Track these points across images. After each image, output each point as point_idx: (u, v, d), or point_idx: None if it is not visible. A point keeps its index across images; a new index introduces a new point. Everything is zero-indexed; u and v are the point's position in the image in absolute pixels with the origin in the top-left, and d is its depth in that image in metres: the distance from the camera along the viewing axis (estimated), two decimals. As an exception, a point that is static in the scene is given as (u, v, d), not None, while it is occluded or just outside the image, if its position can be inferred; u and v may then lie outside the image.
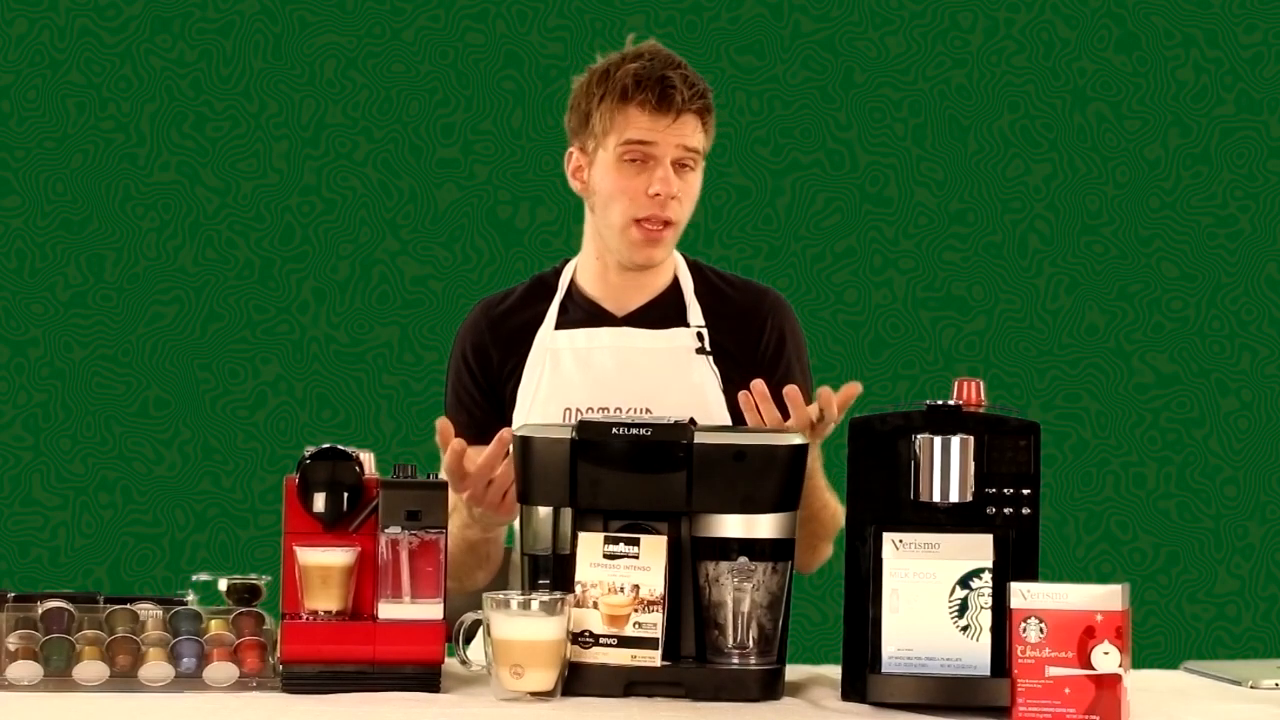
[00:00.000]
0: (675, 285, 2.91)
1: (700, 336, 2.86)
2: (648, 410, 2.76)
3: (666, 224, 2.79)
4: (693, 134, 2.78)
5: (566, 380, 2.84)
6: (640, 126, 2.76)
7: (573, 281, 2.92)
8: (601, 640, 2.33)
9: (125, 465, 4.02)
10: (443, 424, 2.56)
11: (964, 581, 2.30)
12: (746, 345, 2.88)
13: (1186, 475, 4.07)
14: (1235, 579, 4.06)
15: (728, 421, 2.79)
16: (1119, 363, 4.08)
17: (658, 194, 2.76)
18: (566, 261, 2.95)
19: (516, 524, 2.56)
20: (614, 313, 2.89)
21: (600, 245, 2.87)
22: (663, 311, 2.88)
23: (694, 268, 2.93)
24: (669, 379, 2.83)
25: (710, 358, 2.85)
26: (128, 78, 4.04)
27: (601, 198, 2.82)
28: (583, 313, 2.89)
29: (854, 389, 2.53)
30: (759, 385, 2.54)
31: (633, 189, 2.78)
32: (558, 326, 2.88)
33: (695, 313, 2.88)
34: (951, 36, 4.09)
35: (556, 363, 2.85)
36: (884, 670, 2.30)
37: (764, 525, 2.36)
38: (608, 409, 2.79)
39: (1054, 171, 4.08)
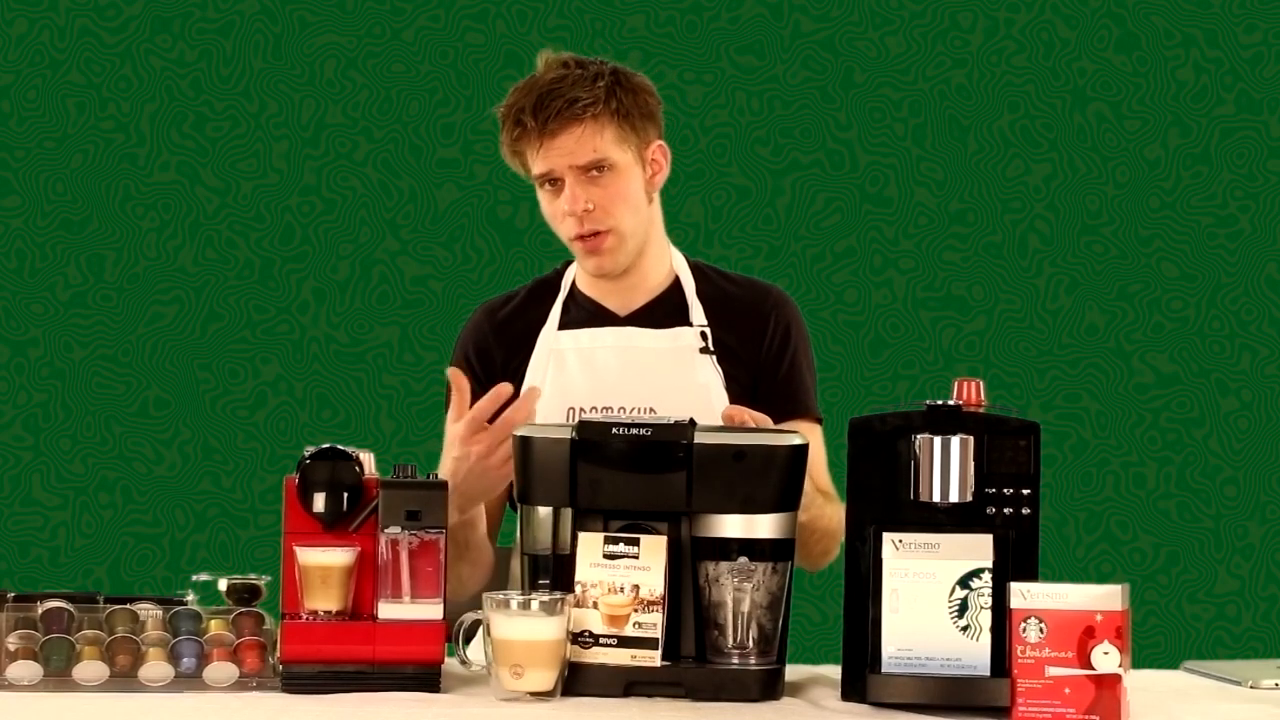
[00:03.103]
0: (676, 285, 2.91)
1: (704, 336, 2.86)
2: (651, 410, 2.77)
3: (597, 234, 2.79)
4: (578, 147, 2.76)
5: (570, 380, 2.84)
6: (532, 159, 2.79)
7: (574, 283, 2.93)
8: (601, 640, 2.33)
9: (125, 465, 4.02)
10: (456, 373, 2.56)
11: (964, 581, 2.30)
12: (751, 343, 2.88)
13: (1186, 475, 4.07)
14: (1235, 579, 4.05)
15: (731, 422, 2.79)
16: (1119, 363, 4.08)
17: (570, 213, 2.78)
18: (568, 264, 2.96)
19: (517, 524, 2.56)
20: (617, 312, 2.89)
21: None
22: (665, 311, 2.89)
23: (695, 268, 2.93)
24: (673, 379, 2.83)
25: (714, 357, 2.85)
26: (128, 78, 4.04)
27: (548, 224, 2.86)
28: (585, 313, 2.90)
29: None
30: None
31: (557, 213, 2.81)
32: (561, 327, 2.89)
33: (698, 312, 2.88)
34: (951, 36, 4.09)
35: (560, 363, 2.85)
36: (884, 670, 2.30)
37: (764, 525, 2.36)
38: (611, 409, 2.79)
39: (1054, 171, 4.08)
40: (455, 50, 4.08)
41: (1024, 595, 2.17)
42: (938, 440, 2.30)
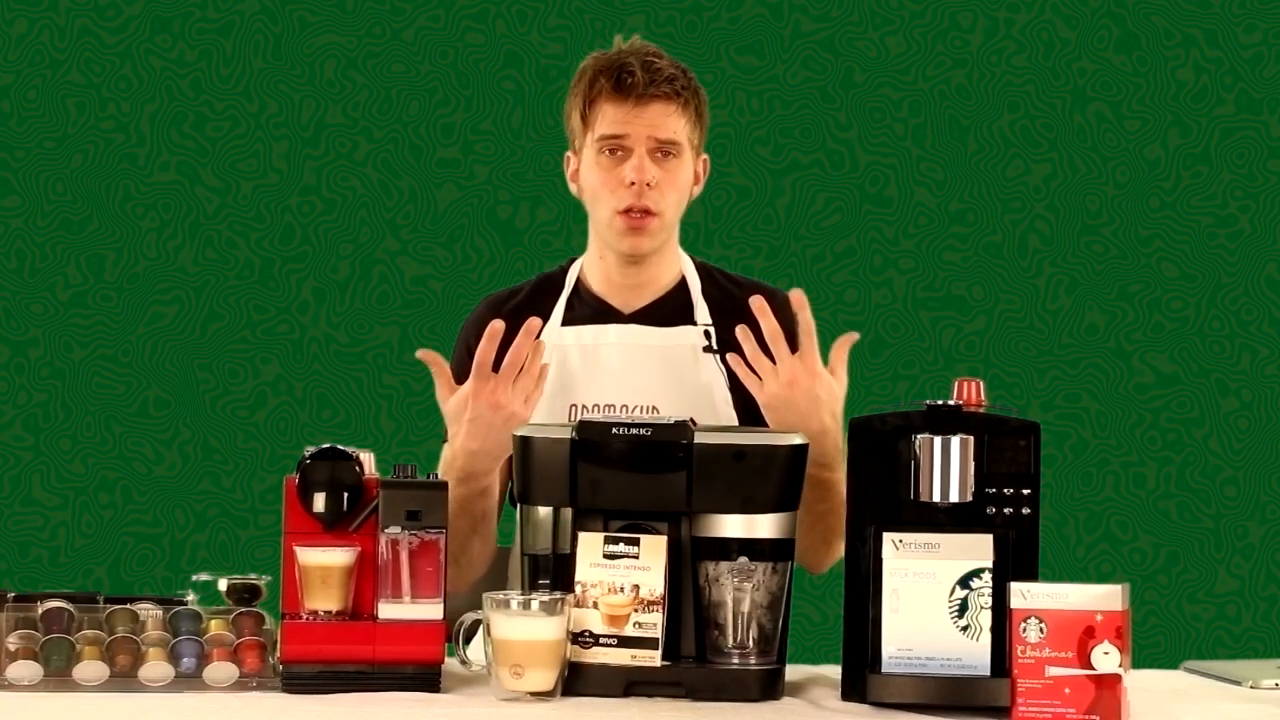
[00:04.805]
0: (682, 284, 2.91)
1: (708, 335, 2.87)
2: (654, 408, 2.77)
3: (648, 213, 2.80)
4: (664, 121, 2.79)
5: (573, 377, 2.84)
6: (609, 119, 2.80)
7: (579, 279, 2.93)
8: (601, 640, 2.33)
9: (125, 465, 4.02)
10: (428, 353, 2.59)
11: (964, 581, 2.30)
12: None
13: (1186, 475, 4.07)
14: (1235, 579, 4.05)
15: (734, 420, 2.79)
16: (1119, 363, 4.08)
17: (633, 183, 2.78)
18: (573, 260, 2.96)
19: (517, 524, 2.56)
20: (621, 310, 2.89)
21: (600, 244, 2.88)
22: (670, 309, 2.89)
23: (701, 268, 2.94)
24: (676, 377, 2.83)
25: (717, 356, 2.85)
26: (128, 78, 4.04)
27: (589, 195, 2.85)
28: (590, 309, 2.90)
29: (848, 339, 2.58)
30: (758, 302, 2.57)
31: (612, 181, 2.80)
32: (564, 323, 2.89)
33: (702, 311, 2.88)
34: (951, 36, 4.09)
35: (563, 359, 2.86)
36: (884, 670, 2.30)
37: (764, 525, 2.36)
38: (614, 406, 2.80)
39: (1054, 171, 4.08)
40: (455, 50, 4.08)
41: (1024, 595, 2.17)
42: (938, 440, 2.30)
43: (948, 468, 2.29)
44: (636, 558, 2.34)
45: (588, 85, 2.82)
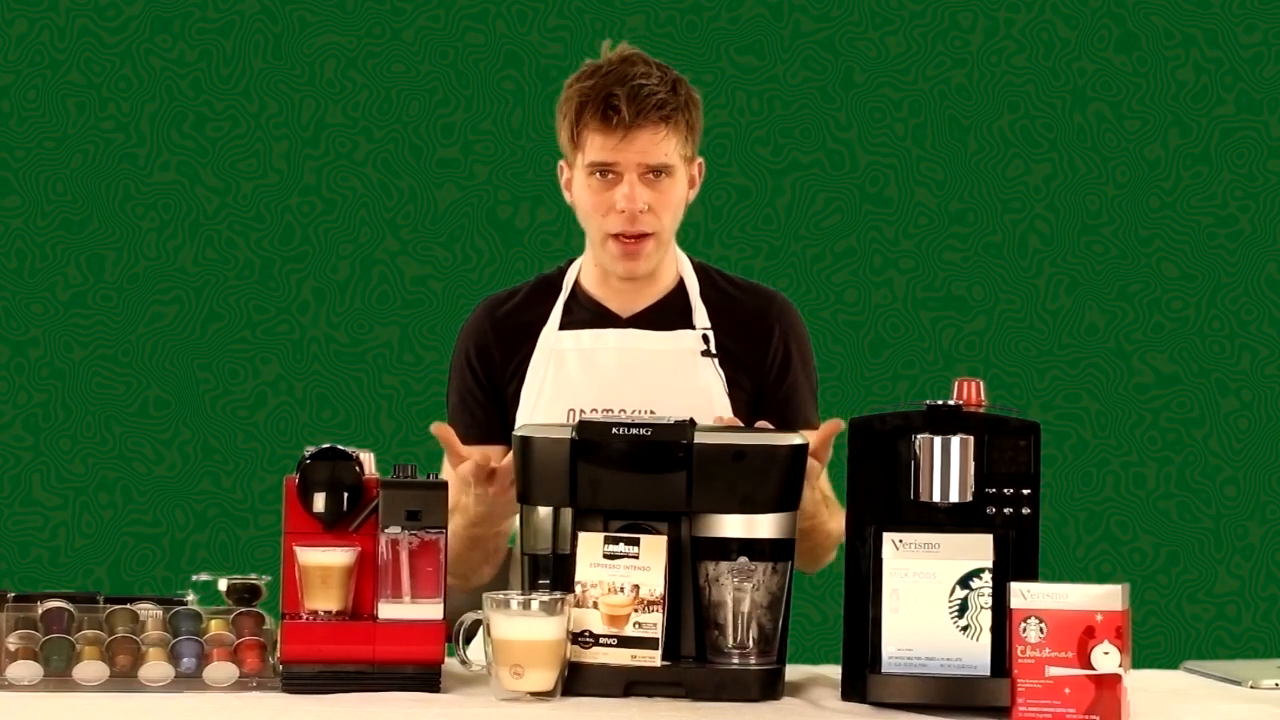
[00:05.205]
0: (680, 287, 2.90)
1: (706, 339, 2.86)
2: (652, 412, 2.76)
3: (641, 236, 2.79)
4: (653, 146, 2.75)
5: (570, 381, 2.84)
6: (597, 147, 2.76)
7: (577, 282, 2.91)
8: (601, 640, 2.33)
9: (125, 465, 4.02)
10: (441, 429, 2.56)
11: (964, 581, 2.30)
12: (753, 351, 2.88)
13: (1186, 475, 4.07)
14: (1235, 579, 4.05)
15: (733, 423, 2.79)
16: (1119, 363, 4.08)
17: (624, 210, 2.76)
18: (571, 262, 2.95)
19: (517, 524, 2.56)
20: (619, 314, 2.88)
21: (595, 254, 2.88)
22: (668, 313, 2.88)
23: (700, 270, 2.92)
24: (674, 381, 2.83)
25: (715, 360, 2.84)
26: (128, 78, 4.04)
27: (582, 213, 2.84)
28: (588, 313, 2.89)
29: (834, 426, 2.52)
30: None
31: (603, 205, 2.78)
32: (562, 327, 2.88)
33: (701, 315, 2.87)
34: (951, 36, 4.09)
35: (561, 363, 2.85)
36: (884, 670, 2.30)
37: (764, 525, 2.36)
38: (612, 410, 2.79)
39: (1054, 171, 4.08)
40: (455, 50, 4.08)
41: (1024, 595, 2.17)
42: (938, 440, 2.30)
43: (948, 468, 2.29)
44: (636, 558, 2.34)
45: (574, 114, 2.77)
